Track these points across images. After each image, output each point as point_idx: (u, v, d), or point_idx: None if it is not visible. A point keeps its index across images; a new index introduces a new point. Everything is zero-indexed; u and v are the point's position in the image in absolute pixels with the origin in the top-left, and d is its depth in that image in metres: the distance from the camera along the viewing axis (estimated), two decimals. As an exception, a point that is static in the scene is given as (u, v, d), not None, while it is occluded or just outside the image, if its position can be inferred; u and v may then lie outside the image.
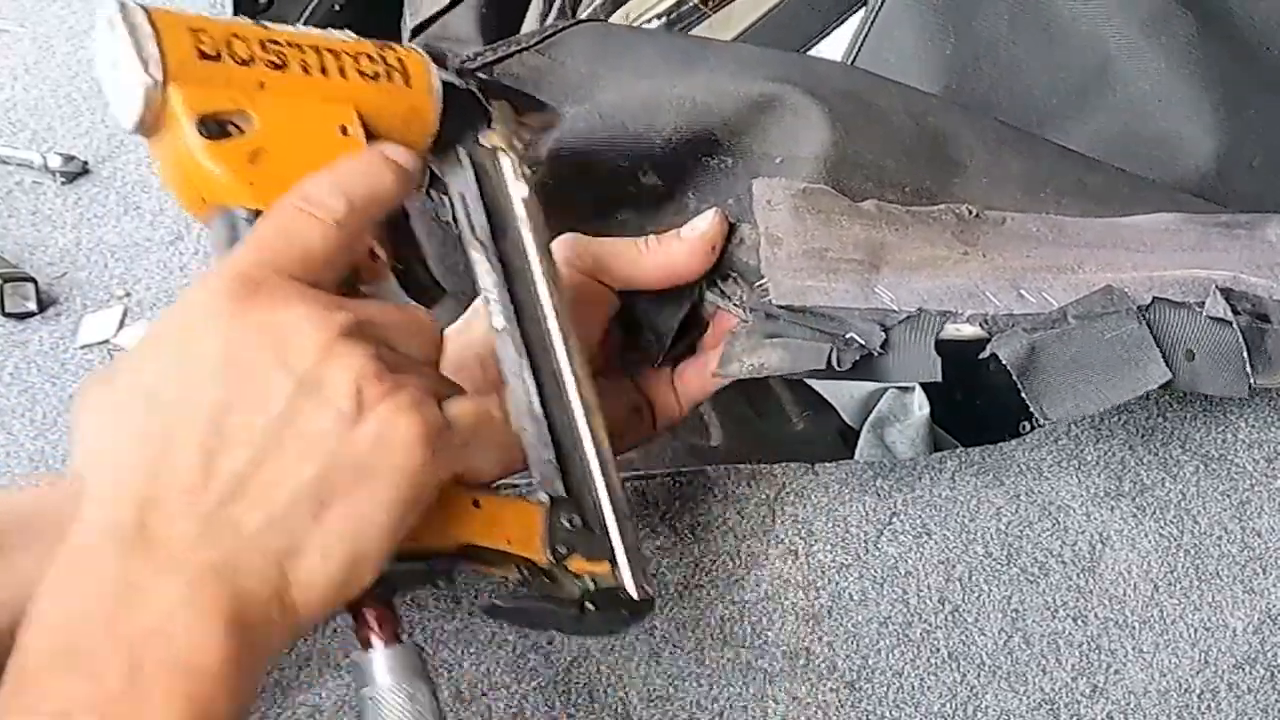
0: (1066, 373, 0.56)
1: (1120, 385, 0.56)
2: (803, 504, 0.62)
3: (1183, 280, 0.58)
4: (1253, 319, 0.57)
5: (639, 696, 0.58)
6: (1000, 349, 0.56)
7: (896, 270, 0.57)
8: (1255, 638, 0.60)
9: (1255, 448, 0.64)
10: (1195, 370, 0.56)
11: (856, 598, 0.60)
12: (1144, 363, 0.56)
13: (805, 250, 0.57)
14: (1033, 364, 0.56)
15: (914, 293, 0.56)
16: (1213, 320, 0.56)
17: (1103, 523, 0.62)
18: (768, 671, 0.59)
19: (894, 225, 0.60)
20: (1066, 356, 0.56)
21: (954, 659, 0.59)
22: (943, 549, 0.61)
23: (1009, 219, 0.62)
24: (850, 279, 0.57)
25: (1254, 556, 0.61)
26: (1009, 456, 0.65)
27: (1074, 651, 0.60)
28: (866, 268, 0.57)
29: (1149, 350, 0.56)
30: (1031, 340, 0.56)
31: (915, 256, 0.58)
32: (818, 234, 0.57)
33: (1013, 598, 0.61)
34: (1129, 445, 0.64)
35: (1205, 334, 0.57)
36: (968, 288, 0.57)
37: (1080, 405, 0.56)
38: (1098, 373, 0.56)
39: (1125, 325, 0.56)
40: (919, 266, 0.58)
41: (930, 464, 0.65)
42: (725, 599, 0.60)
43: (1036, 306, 0.57)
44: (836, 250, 0.57)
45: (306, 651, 0.58)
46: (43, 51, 1.29)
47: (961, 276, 0.58)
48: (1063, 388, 0.56)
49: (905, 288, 0.57)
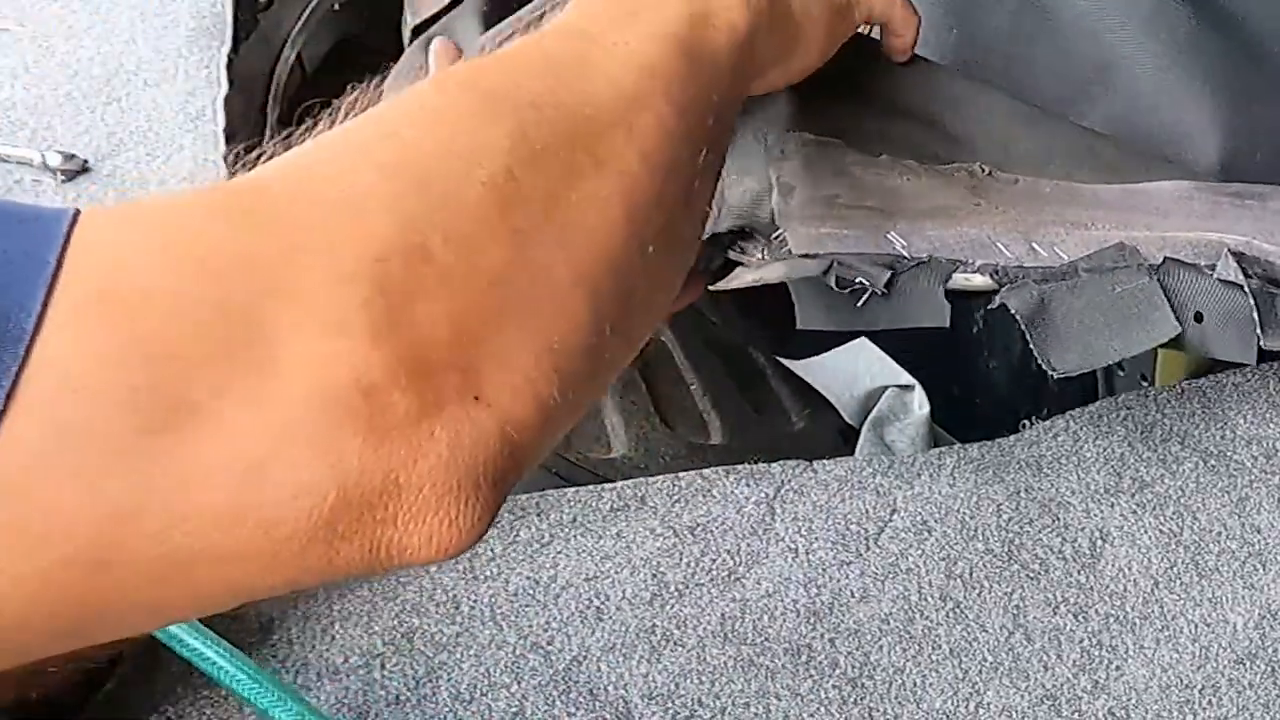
0: (1075, 324, 0.56)
1: (1129, 338, 0.55)
2: (802, 502, 0.62)
3: (1195, 242, 0.57)
4: (1264, 283, 0.57)
5: (640, 694, 0.58)
6: (1010, 299, 0.55)
7: (910, 218, 0.57)
8: (1255, 633, 0.60)
9: (1254, 444, 0.64)
10: (1204, 331, 0.56)
11: (857, 595, 0.60)
12: (1153, 317, 0.55)
13: (816, 197, 0.57)
14: (1042, 315, 0.55)
15: (926, 239, 0.56)
16: (1223, 283, 0.56)
17: (1103, 519, 0.62)
18: (769, 668, 0.59)
19: (907, 175, 0.59)
20: (1076, 308, 0.56)
21: (955, 655, 0.59)
22: (943, 546, 0.61)
23: (1021, 180, 0.62)
24: (863, 224, 0.56)
25: (1253, 552, 0.61)
26: (1009, 453, 0.65)
27: (1075, 647, 0.60)
28: (879, 215, 0.57)
29: (1159, 304, 0.55)
30: (1041, 291, 0.55)
31: (928, 204, 0.58)
32: (828, 182, 0.57)
33: (1013, 594, 0.61)
34: (1128, 442, 0.64)
35: (1215, 296, 0.56)
36: (979, 238, 0.57)
37: (1088, 357, 0.55)
38: (1107, 325, 0.56)
39: (1136, 280, 0.56)
40: (932, 214, 0.58)
41: (930, 461, 0.65)
42: (726, 597, 0.60)
43: (1048, 259, 0.56)
44: (847, 197, 0.57)
45: (304, 656, 0.58)
46: (43, 51, 1.29)
47: (974, 226, 0.57)
48: (1071, 339, 0.56)
49: (918, 234, 0.56)
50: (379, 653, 0.58)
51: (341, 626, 0.59)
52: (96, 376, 0.28)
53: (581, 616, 0.59)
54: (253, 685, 0.41)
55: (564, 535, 0.62)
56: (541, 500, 0.63)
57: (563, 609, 0.60)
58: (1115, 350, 0.55)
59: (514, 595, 0.60)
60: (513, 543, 0.62)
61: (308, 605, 0.60)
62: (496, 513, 0.32)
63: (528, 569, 0.61)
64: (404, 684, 0.57)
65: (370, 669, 0.57)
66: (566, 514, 0.63)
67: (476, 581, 0.60)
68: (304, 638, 0.58)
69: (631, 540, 0.62)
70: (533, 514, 0.63)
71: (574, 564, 0.61)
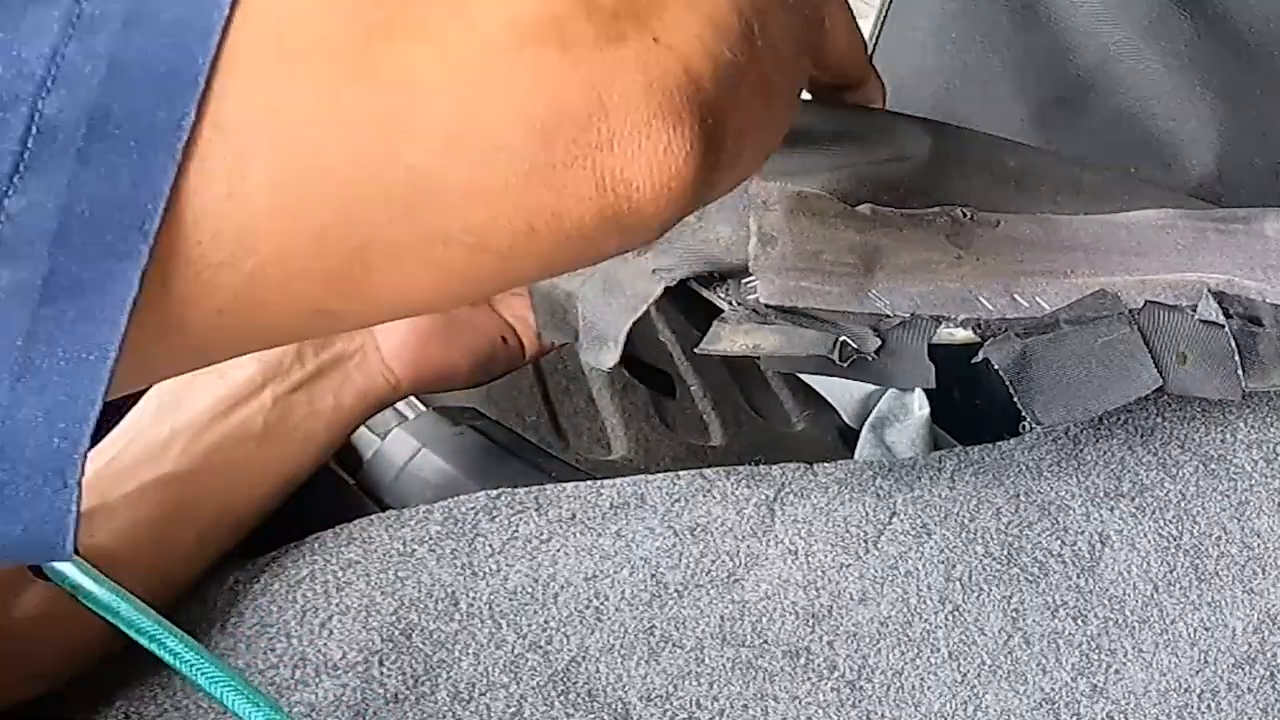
0: (1059, 377, 0.56)
1: (1112, 390, 0.56)
2: (802, 504, 0.62)
3: (1175, 284, 0.58)
4: (1244, 322, 0.57)
5: (638, 696, 0.58)
6: (993, 353, 0.56)
7: (890, 274, 0.58)
8: (1255, 638, 0.60)
9: (1255, 448, 0.64)
10: (1188, 373, 0.56)
11: (856, 597, 0.60)
12: (1135, 368, 0.56)
13: (799, 251, 0.57)
14: (1025, 368, 0.56)
15: (907, 297, 0.57)
16: (1205, 324, 0.56)
17: (1102, 522, 0.62)
18: (768, 671, 0.59)
19: (887, 228, 0.60)
20: (1059, 361, 0.56)
21: (954, 658, 0.59)
22: (942, 548, 0.61)
23: (1002, 221, 0.62)
24: (844, 282, 0.57)
25: (1253, 557, 0.61)
26: (1008, 456, 0.65)
27: (1074, 651, 0.60)
28: (860, 272, 0.57)
29: (1140, 356, 0.56)
30: (1024, 344, 0.56)
31: (909, 260, 0.58)
32: (812, 236, 0.58)
33: (1013, 597, 0.61)
34: (1128, 445, 0.64)
35: (1197, 337, 0.57)
36: (960, 292, 0.57)
37: (1072, 410, 0.56)
38: (1090, 378, 0.56)
39: (1117, 330, 0.56)
40: (912, 270, 0.58)
41: (930, 463, 0.65)
42: (725, 598, 0.60)
43: (1029, 311, 0.57)
44: (831, 254, 0.58)
45: (302, 651, 0.58)
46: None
47: (955, 281, 0.58)
48: (1055, 392, 0.56)
49: (899, 292, 0.57)
50: (377, 649, 0.58)
51: (339, 621, 0.59)
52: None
53: (580, 616, 0.59)
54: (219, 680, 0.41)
55: (563, 532, 0.62)
56: (540, 495, 0.63)
57: (561, 608, 0.59)
58: (1099, 404, 0.56)
59: (513, 593, 0.60)
60: (512, 538, 0.62)
61: (306, 599, 0.60)
62: (714, 161, 0.34)
63: (527, 566, 0.61)
64: (402, 682, 0.57)
65: (369, 666, 0.57)
66: (565, 510, 0.63)
67: (475, 578, 0.60)
68: (301, 632, 0.58)
69: (631, 539, 0.62)
70: (531, 509, 0.63)
71: (573, 562, 0.61)
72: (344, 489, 0.73)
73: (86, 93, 0.27)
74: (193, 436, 0.62)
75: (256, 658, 0.58)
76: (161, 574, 0.60)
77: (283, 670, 0.57)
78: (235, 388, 0.64)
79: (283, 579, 0.60)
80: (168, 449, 0.61)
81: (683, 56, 0.34)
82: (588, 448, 0.90)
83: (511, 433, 0.76)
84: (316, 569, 0.61)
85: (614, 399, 0.92)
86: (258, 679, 0.57)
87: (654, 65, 0.33)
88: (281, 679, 0.57)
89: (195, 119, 0.28)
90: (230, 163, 0.29)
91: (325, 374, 0.66)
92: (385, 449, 0.73)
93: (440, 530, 0.62)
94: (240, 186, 0.29)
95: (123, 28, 0.27)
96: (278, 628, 0.59)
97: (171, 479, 0.61)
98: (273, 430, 0.64)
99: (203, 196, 0.28)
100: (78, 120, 0.27)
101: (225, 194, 0.29)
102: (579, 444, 0.90)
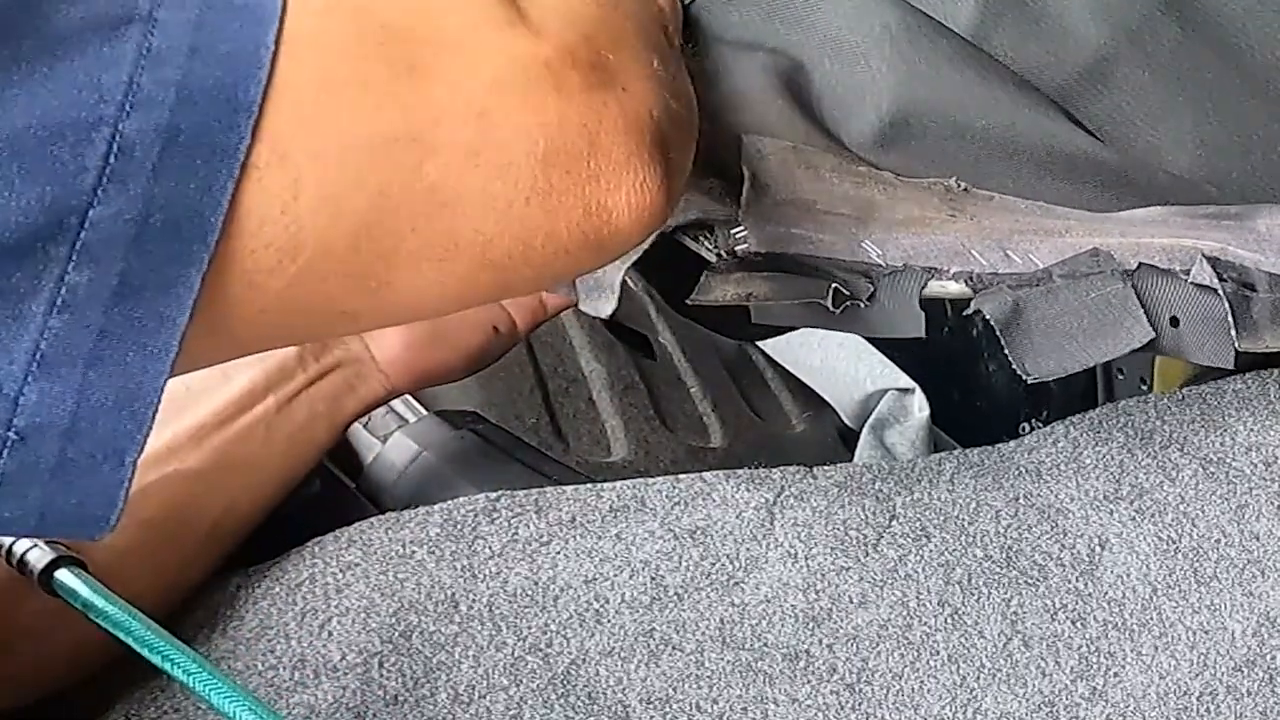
0: (1050, 330, 0.56)
1: (1104, 344, 0.56)
2: (802, 507, 0.62)
3: (1169, 248, 0.57)
4: (1239, 286, 0.57)
5: (638, 699, 0.58)
6: (984, 305, 0.56)
7: (884, 227, 0.57)
8: (1254, 641, 0.60)
9: (1254, 451, 0.64)
10: (1180, 336, 0.56)
11: (856, 600, 0.60)
12: (1128, 322, 0.56)
13: (792, 199, 0.57)
14: (1017, 321, 0.56)
15: (900, 248, 0.57)
16: (1198, 287, 0.56)
17: (1101, 526, 0.62)
18: (767, 674, 0.59)
19: (883, 186, 0.60)
20: (1051, 314, 0.56)
21: (953, 661, 0.59)
22: (942, 552, 0.61)
23: (996, 196, 0.62)
24: (837, 230, 0.57)
25: (1252, 560, 0.61)
26: (1008, 459, 0.65)
27: (1073, 654, 0.60)
28: (853, 222, 0.57)
29: (1133, 310, 0.56)
30: (1016, 297, 0.56)
31: (903, 215, 0.58)
32: (806, 186, 0.57)
33: (1012, 600, 0.61)
34: (1128, 448, 0.64)
35: (1191, 301, 0.57)
36: (954, 246, 0.57)
37: (1063, 363, 0.56)
38: (1081, 331, 0.56)
39: (1110, 285, 0.56)
40: (906, 224, 0.58)
41: (929, 466, 0.65)
42: (725, 601, 0.60)
43: (1022, 266, 0.57)
44: (825, 203, 0.57)
45: (301, 653, 0.58)
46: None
47: (948, 235, 0.58)
48: (1046, 345, 0.56)
49: (892, 243, 0.57)
50: (377, 651, 0.58)
51: (339, 623, 0.59)
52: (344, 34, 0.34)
53: (580, 619, 0.59)
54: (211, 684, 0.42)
55: (563, 535, 0.62)
56: (540, 498, 0.63)
57: (561, 611, 0.59)
58: (1091, 356, 0.56)
59: (513, 595, 0.60)
60: (512, 541, 0.62)
61: (305, 601, 0.60)
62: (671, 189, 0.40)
63: (526, 568, 0.61)
64: (402, 684, 0.57)
65: (368, 668, 0.57)
66: (565, 513, 0.63)
67: (475, 580, 0.60)
68: (301, 634, 0.58)
69: (631, 542, 0.62)
70: (531, 512, 0.63)
71: (573, 565, 0.61)
72: (344, 492, 0.73)
73: (160, 115, 0.31)
74: (200, 438, 0.64)
75: (256, 659, 0.58)
76: (169, 572, 0.61)
77: (282, 672, 0.57)
78: (240, 392, 0.66)
79: (283, 582, 0.61)
80: (175, 450, 0.64)
81: (645, 102, 0.40)
82: (588, 450, 0.90)
83: (511, 435, 0.76)
84: (316, 571, 0.61)
85: (614, 401, 0.92)
86: (257, 680, 0.57)
87: (629, 110, 0.39)
88: (281, 680, 0.57)
89: (251, 140, 0.32)
90: (285, 181, 0.32)
91: (324, 379, 0.69)
92: (386, 453, 0.73)
93: (440, 533, 0.62)
94: (292, 203, 0.33)
95: (187, 59, 0.31)
96: (277, 629, 0.59)
97: (179, 478, 0.63)
98: (275, 432, 0.66)
99: (260, 210, 0.32)
100: (153, 140, 0.31)
101: (280, 209, 0.33)
102: (579, 446, 0.90)
